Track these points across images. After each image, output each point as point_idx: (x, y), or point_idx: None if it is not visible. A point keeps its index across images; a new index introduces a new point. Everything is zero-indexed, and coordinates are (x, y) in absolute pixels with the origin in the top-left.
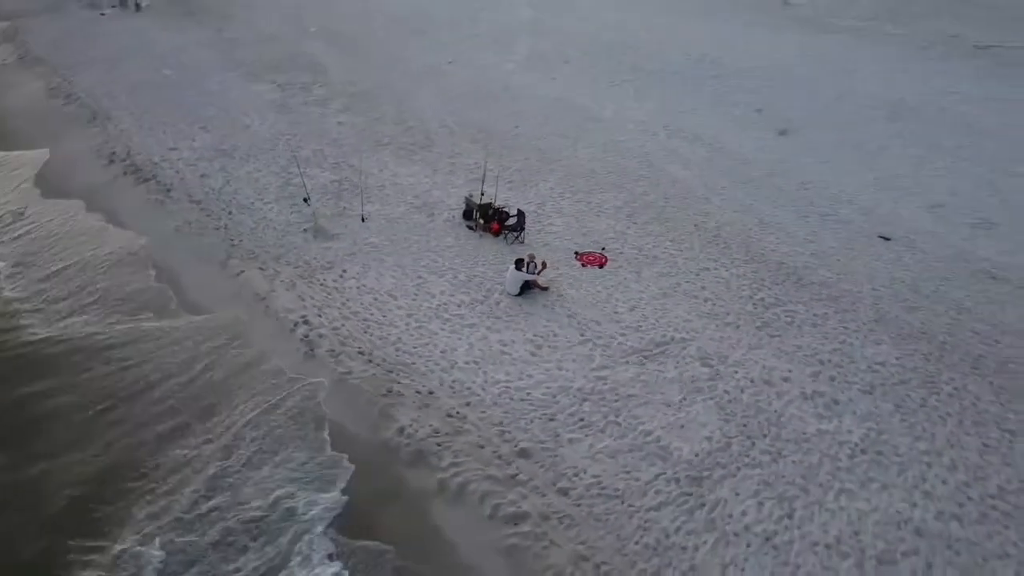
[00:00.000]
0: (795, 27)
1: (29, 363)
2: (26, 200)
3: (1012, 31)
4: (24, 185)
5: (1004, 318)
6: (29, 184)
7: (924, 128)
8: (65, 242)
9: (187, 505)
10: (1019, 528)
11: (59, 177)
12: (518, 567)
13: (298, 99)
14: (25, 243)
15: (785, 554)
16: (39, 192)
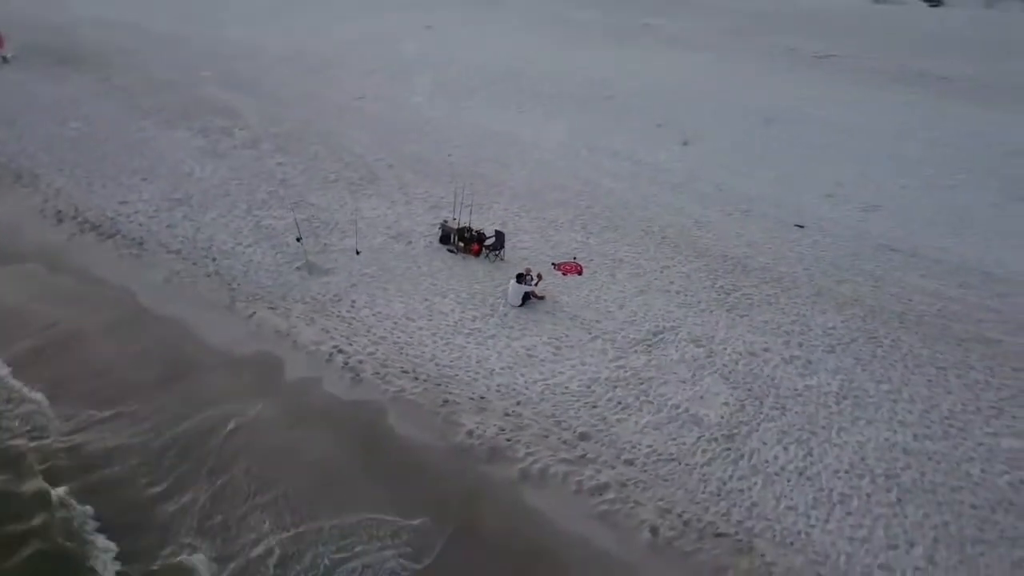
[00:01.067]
0: (662, 48)
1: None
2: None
3: (839, 43)
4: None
5: (909, 281)
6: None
7: (797, 130)
8: (43, 311)
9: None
10: (973, 437)
11: (4, 241)
12: (616, 527)
13: (225, 144)
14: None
15: (818, 482)
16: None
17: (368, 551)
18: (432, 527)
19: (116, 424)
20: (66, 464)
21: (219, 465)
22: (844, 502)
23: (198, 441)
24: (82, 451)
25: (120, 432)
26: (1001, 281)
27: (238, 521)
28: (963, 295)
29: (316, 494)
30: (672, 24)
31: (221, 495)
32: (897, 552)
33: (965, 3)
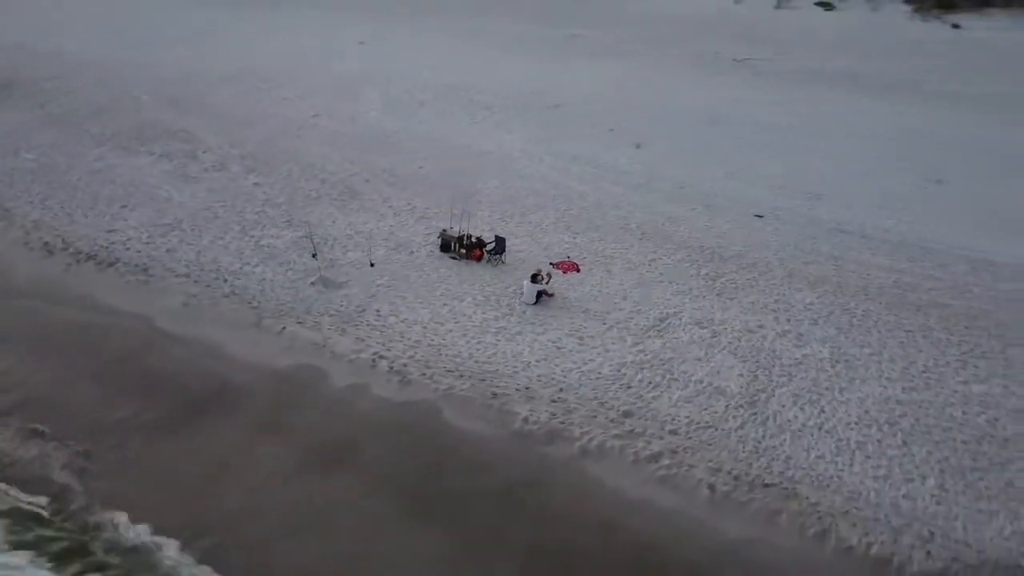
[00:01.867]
0: (594, 57)
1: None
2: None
3: (753, 47)
4: None
5: (864, 258)
6: None
7: (737, 130)
8: (57, 349)
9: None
10: (949, 386)
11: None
12: (676, 487)
13: (194, 167)
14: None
15: (836, 434)
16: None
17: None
18: (508, 506)
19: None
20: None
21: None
22: (861, 448)
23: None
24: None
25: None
26: (938, 253)
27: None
28: (911, 268)
29: (384, 492)
30: (598, 35)
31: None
32: (914, 484)
33: (853, 7)
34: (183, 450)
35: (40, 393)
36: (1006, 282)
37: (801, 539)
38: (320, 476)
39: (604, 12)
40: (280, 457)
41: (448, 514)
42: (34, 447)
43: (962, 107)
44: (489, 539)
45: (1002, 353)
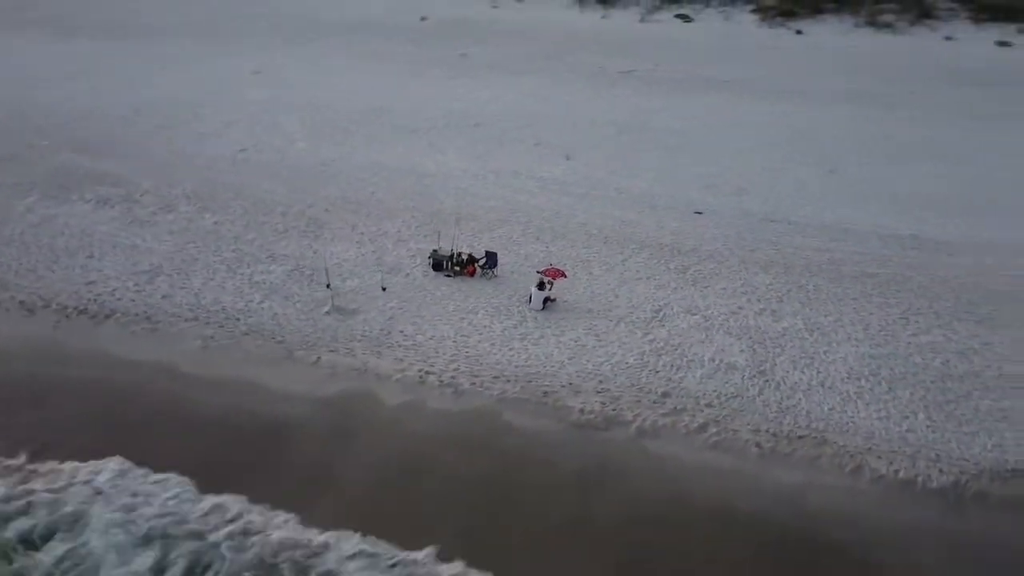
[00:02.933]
0: (490, 74)
1: None
2: None
3: (632, 59)
4: None
5: (797, 241)
6: None
7: (648, 136)
8: (80, 413)
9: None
10: (903, 339)
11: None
12: (727, 448)
13: (142, 211)
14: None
15: (837, 389)
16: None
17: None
18: (588, 491)
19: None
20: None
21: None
22: (860, 397)
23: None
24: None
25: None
26: (854, 232)
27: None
28: (837, 246)
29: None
30: (486, 53)
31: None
32: (910, 420)
33: (708, 19)
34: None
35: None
36: (912, 251)
37: (842, 476)
38: (401, 489)
39: (485, 30)
40: (364, 473)
41: (533, 506)
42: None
43: (836, 104)
44: (577, 526)
45: (931, 308)
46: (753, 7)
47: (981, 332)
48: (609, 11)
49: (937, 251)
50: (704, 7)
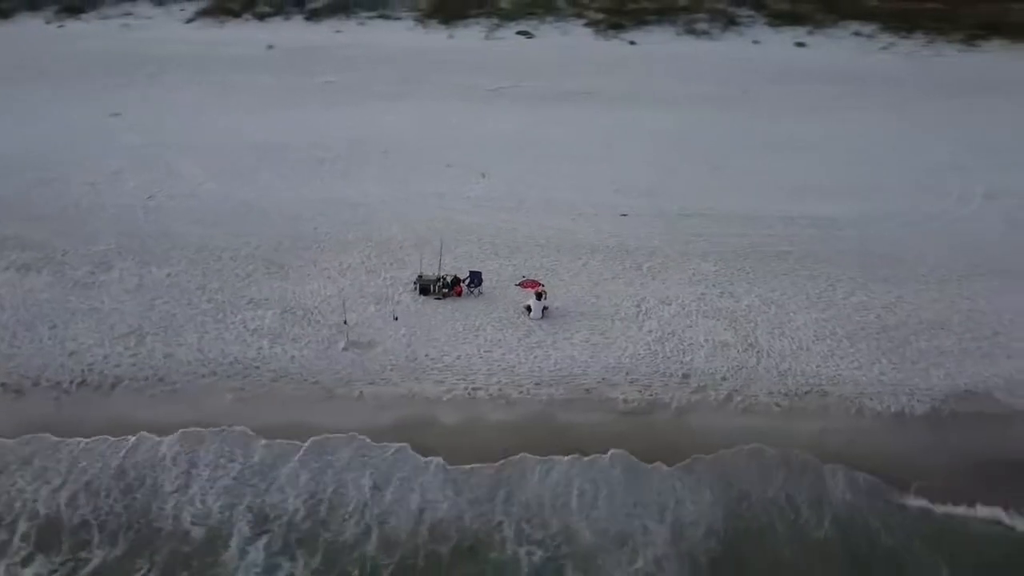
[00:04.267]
0: (367, 101)
1: None
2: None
3: (492, 77)
4: None
5: (716, 230)
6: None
7: (548, 149)
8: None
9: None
10: (839, 301)
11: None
12: (756, 413)
13: (77, 273)
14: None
15: (812, 350)
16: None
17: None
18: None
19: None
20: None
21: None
22: (834, 353)
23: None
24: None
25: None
26: (760, 218)
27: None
28: (751, 231)
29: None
30: (351, 79)
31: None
32: (877, 366)
33: (547, 34)
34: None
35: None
36: (809, 229)
37: (848, 417)
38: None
39: (338, 55)
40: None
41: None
42: None
43: (695, 107)
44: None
45: (846, 274)
46: (585, 21)
47: (891, 289)
48: (453, 30)
49: (829, 227)
50: (540, 23)
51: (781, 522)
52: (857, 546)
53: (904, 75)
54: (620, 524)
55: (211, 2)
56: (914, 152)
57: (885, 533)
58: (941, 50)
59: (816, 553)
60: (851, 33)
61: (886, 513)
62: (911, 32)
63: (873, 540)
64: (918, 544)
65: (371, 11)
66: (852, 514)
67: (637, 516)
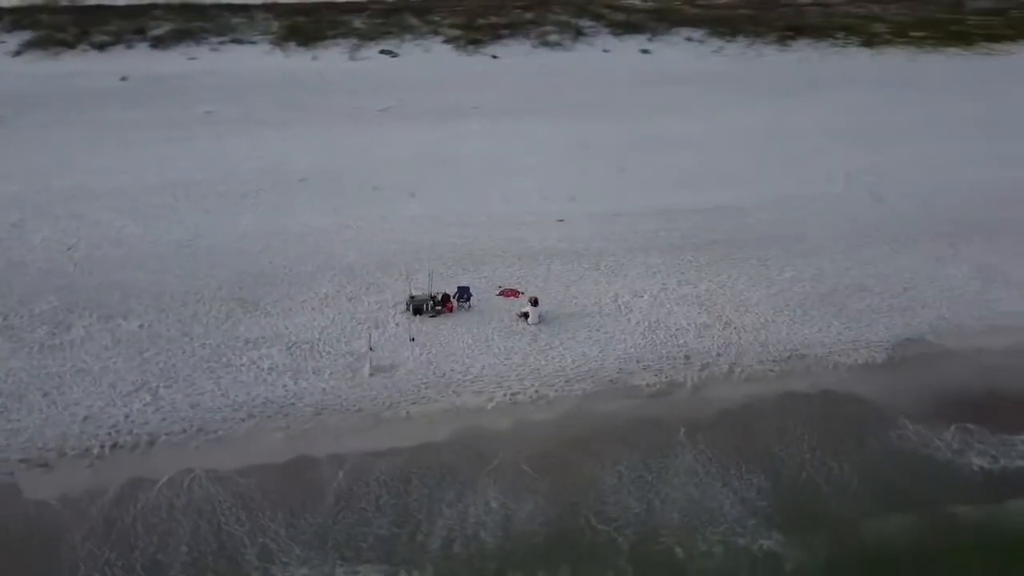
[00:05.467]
0: (258, 129)
1: None
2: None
3: (372, 98)
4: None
5: (639, 228)
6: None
7: (463, 164)
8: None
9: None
10: (776, 281)
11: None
12: (756, 381)
13: (36, 336)
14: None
15: (778, 321)
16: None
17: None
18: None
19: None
20: None
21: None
22: (796, 322)
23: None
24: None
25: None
26: (677, 211)
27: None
28: (677, 224)
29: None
30: (230, 108)
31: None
32: (833, 328)
33: (410, 52)
34: None
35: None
36: (725, 218)
37: (829, 373)
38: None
39: (203, 83)
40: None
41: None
42: None
43: (574, 114)
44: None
45: (771, 253)
46: (444, 38)
47: (811, 262)
48: (315, 52)
49: (737, 215)
50: (400, 42)
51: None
52: (870, 466)
53: (740, 74)
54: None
55: (38, 33)
56: (777, 142)
57: (887, 457)
58: (762, 51)
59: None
60: (684, 39)
61: (886, 441)
62: (734, 36)
63: (882, 462)
64: (914, 463)
65: (220, 36)
66: (863, 444)
67: (704, 483)
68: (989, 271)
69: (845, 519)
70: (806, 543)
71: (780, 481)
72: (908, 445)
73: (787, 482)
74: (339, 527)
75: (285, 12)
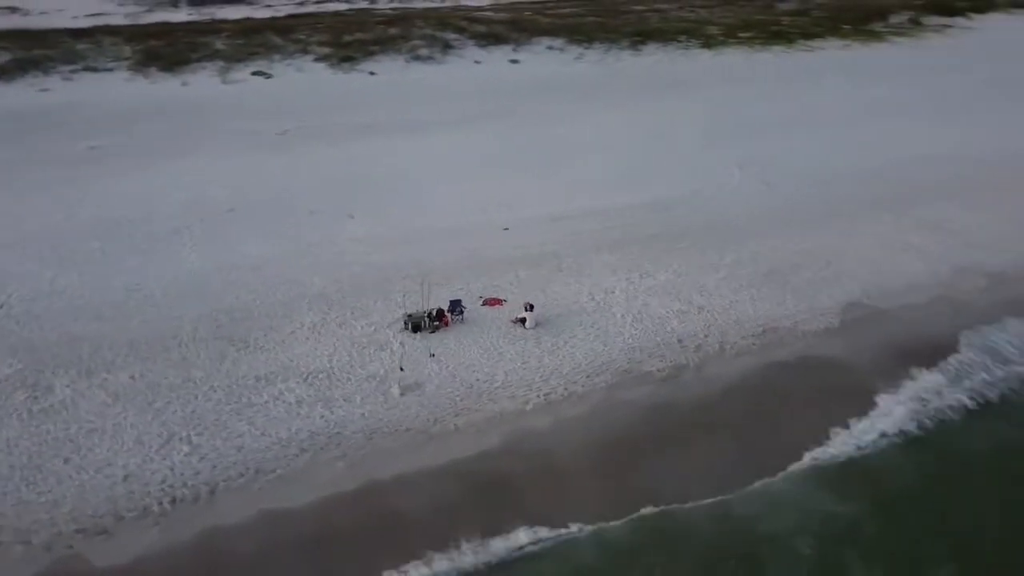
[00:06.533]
0: (158, 161)
1: None
2: None
3: (277, 121)
4: None
5: (579, 228)
6: None
7: (388, 183)
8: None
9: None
10: (723, 265)
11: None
12: (742, 353)
13: (18, 400)
14: None
15: (740, 300)
16: None
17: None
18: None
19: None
20: None
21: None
22: (754, 300)
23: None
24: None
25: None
26: (612, 210)
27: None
28: (616, 222)
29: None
30: (115, 141)
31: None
32: (787, 302)
33: (284, 72)
34: None
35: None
36: (658, 213)
37: (800, 340)
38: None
39: (65, 116)
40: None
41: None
42: None
43: (477, 124)
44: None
45: (708, 241)
46: (314, 57)
47: (743, 246)
48: (183, 77)
49: (663, 209)
50: (270, 63)
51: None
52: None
53: (608, 79)
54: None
55: None
56: (664, 141)
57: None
58: (619, 56)
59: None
60: (546, 47)
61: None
62: (591, 43)
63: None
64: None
65: (70, 64)
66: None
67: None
68: (886, 240)
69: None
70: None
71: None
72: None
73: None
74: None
75: (135, 36)
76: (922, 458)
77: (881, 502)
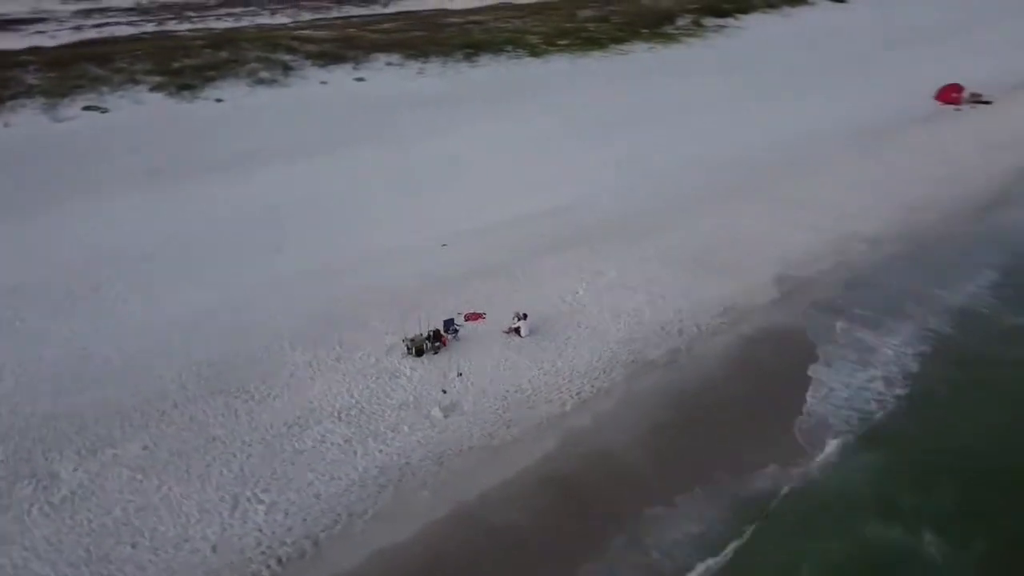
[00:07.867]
0: (50, 208)
1: None
2: None
3: (144, 158)
4: None
5: (525, 233)
6: None
7: (307, 210)
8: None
9: None
10: (672, 253)
11: None
12: (719, 332)
13: (28, 491)
14: None
15: (694, 284)
16: None
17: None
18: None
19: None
20: None
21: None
22: (707, 279)
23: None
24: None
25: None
26: (544, 214)
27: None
28: (553, 225)
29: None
30: None
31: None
32: (730, 279)
33: (121, 106)
34: None
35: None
36: (584, 212)
37: (761, 311)
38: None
39: None
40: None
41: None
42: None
43: (359, 148)
44: (711, 380)
45: (640, 233)
46: (149, 86)
47: (671, 232)
48: (4, 117)
49: (575, 212)
50: (98, 96)
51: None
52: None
53: (456, 91)
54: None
55: None
56: (536, 149)
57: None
58: (457, 68)
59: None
60: (385, 64)
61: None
62: (426, 57)
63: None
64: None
65: None
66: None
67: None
68: (771, 219)
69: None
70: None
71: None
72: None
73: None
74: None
75: None
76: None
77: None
